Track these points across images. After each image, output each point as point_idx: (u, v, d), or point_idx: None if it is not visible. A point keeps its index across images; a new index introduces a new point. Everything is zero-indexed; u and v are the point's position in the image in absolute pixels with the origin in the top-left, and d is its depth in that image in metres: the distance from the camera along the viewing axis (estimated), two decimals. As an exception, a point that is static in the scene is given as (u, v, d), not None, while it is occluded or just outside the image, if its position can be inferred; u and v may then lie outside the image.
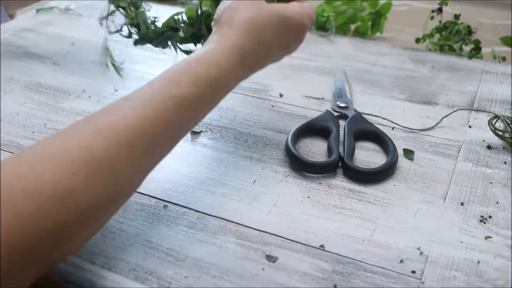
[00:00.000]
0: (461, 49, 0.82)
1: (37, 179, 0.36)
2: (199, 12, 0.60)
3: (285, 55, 0.57)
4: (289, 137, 0.58)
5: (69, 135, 0.40)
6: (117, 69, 0.70)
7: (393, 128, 0.63)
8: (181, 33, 0.61)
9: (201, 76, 0.46)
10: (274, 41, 0.52)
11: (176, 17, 0.63)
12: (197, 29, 0.60)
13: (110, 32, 0.65)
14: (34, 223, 0.35)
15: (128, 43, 0.79)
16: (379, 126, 0.61)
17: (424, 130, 0.62)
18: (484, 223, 0.49)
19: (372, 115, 0.65)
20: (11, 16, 0.72)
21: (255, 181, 0.54)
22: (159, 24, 0.65)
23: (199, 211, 0.50)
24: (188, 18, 0.62)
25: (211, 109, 0.49)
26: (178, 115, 0.44)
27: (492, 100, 0.69)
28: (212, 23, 0.54)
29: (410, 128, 0.63)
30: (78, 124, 0.41)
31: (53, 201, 0.36)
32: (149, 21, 0.63)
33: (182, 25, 0.62)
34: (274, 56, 0.56)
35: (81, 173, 0.37)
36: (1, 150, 0.58)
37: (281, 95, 0.70)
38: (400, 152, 0.58)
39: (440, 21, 0.84)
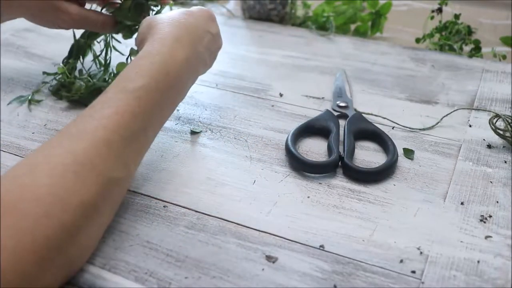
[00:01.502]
0: (461, 49, 0.82)
1: (35, 187, 0.40)
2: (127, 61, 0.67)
3: (219, 44, 0.62)
4: (289, 137, 0.58)
5: (48, 146, 0.44)
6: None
7: (393, 128, 0.63)
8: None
9: (146, 67, 0.50)
10: (198, 27, 0.58)
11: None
12: None
13: None
14: (42, 226, 0.38)
15: (128, 43, 0.79)
16: (379, 126, 0.61)
17: (424, 129, 0.62)
18: (484, 222, 0.49)
19: (372, 114, 0.65)
20: None
21: (255, 181, 0.54)
22: None
23: (199, 212, 0.50)
24: (118, 71, 0.67)
25: (176, 96, 0.54)
26: (141, 106, 0.48)
27: (492, 99, 0.69)
28: (138, 47, 0.59)
29: (410, 128, 0.62)
30: (53, 137, 0.45)
31: (52, 203, 0.39)
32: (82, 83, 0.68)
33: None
34: (208, 42, 0.59)
35: (67, 175, 0.41)
36: (1, 151, 0.58)
37: (281, 95, 0.70)
38: (400, 151, 0.58)
39: (440, 21, 0.84)
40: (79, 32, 0.72)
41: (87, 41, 0.71)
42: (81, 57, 0.71)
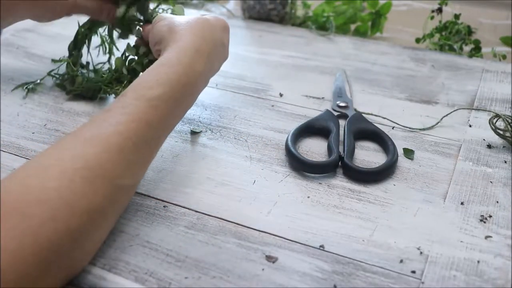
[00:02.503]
0: (461, 49, 0.82)
1: (43, 189, 0.40)
2: (123, 57, 0.68)
3: (226, 55, 0.63)
4: (289, 137, 0.58)
5: (59, 148, 0.44)
6: None
7: (393, 128, 0.63)
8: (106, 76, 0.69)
9: (167, 76, 0.51)
10: (214, 38, 0.58)
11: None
12: (120, 72, 0.68)
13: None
14: (47, 229, 0.38)
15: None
16: (379, 126, 0.61)
17: (424, 129, 0.62)
18: (484, 222, 0.49)
19: (372, 114, 0.65)
20: None
21: (255, 181, 0.54)
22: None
23: (198, 212, 0.50)
24: (116, 66, 0.69)
25: (189, 105, 0.54)
26: (157, 115, 0.48)
27: (492, 99, 0.69)
28: (153, 46, 0.60)
29: (410, 128, 0.62)
30: (65, 138, 0.45)
31: (60, 207, 0.39)
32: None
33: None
34: (220, 53, 0.60)
35: (76, 179, 0.41)
36: (1, 151, 0.58)
37: (281, 95, 0.70)
38: (400, 151, 0.58)
39: (440, 21, 0.84)
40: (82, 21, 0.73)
41: (92, 28, 0.72)
42: (86, 42, 0.72)
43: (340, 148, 0.58)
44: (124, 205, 0.47)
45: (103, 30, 0.74)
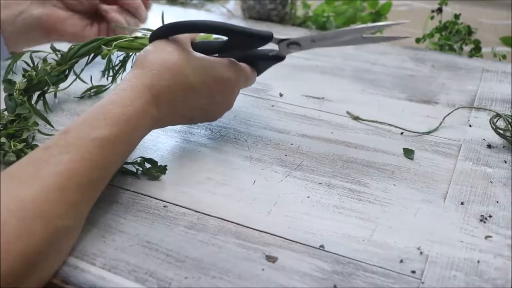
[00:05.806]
0: (461, 49, 0.82)
1: None
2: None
3: (218, 111, 0.59)
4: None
5: None
6: None
7: (402, 133, 0.63)
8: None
9: (117, 116, 0.48)
10: (195, 83, 0.54)
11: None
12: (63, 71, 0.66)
13: None
14: None
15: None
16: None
17: (429, 132, 0.62)
18: (484, 222, 0.49)
19: (371, 121, 0.65)
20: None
21: (255, 181, 0.54)
22: None
23: (199, 212, 0.50)
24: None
25: (134, 146, 0.52)
26: (102, 156, 0.46)
27: (492, 99, 0.69)
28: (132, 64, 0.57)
29: (417, 132, 0.62)
30: None
31: None
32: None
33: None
34: (205, 105, 0.57)
35: (11, 221, 0.38)
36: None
37: (281, 95, 0.70)
38: (400, 151, 0.58)
39: (440, 21, 0.84)
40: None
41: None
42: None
43: None
44: (67, 248, 0.44)
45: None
